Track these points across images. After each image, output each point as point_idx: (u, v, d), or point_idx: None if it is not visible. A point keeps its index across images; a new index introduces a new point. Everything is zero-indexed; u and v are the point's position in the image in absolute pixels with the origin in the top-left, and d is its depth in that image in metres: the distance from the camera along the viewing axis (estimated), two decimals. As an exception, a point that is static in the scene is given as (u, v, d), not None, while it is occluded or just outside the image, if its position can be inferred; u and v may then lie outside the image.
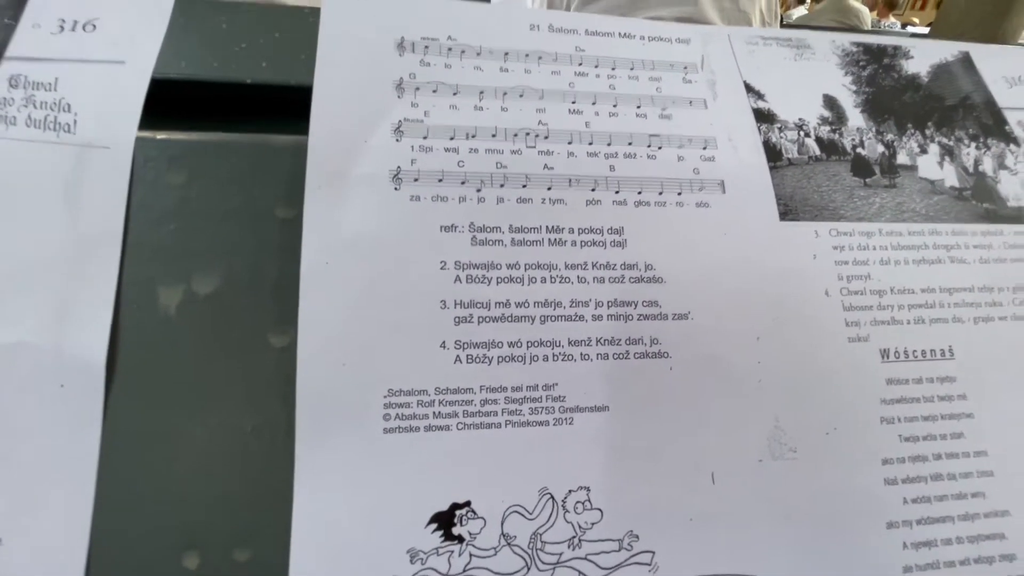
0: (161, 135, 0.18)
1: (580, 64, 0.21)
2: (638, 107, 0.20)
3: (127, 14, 0.19)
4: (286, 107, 0.20)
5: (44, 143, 0.17)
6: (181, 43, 0.20)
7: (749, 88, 0.22)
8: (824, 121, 0.22)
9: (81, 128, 0.17)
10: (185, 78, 0.20)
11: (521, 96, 0.20)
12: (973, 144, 0.22)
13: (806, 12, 3.07)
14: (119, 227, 0.16)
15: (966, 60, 0.25)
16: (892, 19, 5.07)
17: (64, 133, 0.17)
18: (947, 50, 0.25)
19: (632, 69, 0.21)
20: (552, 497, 0.17)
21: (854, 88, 0.23)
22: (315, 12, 0.21)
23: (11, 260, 0.16)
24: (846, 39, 0.24)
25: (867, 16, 2.78)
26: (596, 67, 0.21)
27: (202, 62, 0.20)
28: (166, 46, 0.19)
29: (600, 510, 0.17)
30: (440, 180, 0.18)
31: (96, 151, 0.17)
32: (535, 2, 1.24)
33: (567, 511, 0.17)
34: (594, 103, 0.20)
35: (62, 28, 0.18)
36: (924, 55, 0.24)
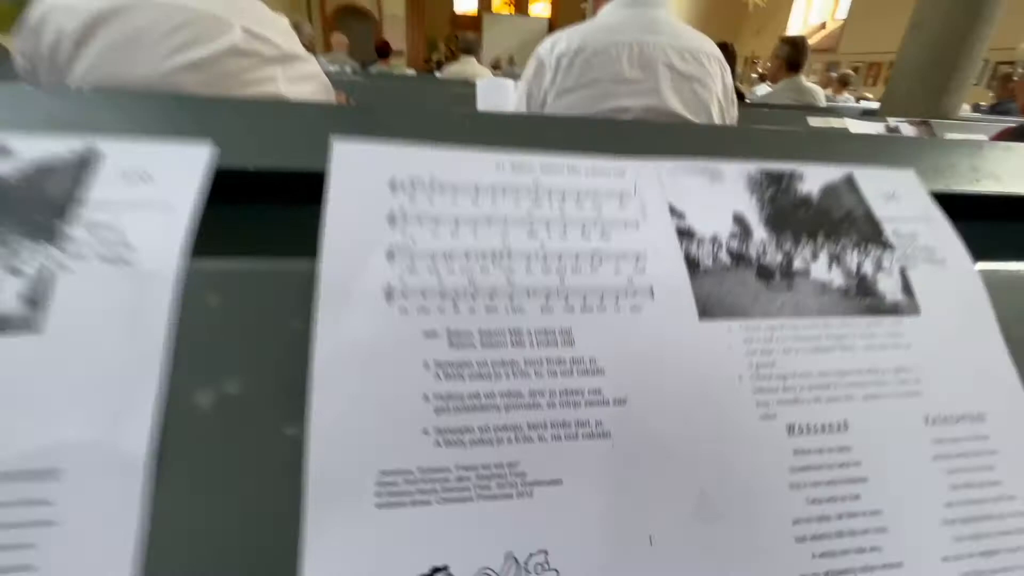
0: (203, 264, 0.22)
1: (536, 195, 0.26)
2: (583, 229, 0.26)
3: (176, 167, 0.24)
4: (293, 189, 0.25)
5: (110, 275, 0.21)
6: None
7: (672, 210, 0.27)
8: (734, 236, 0.27)
9: (139, 262, 0.21)
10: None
11: (489, 224, 0.25)
12: (856, 250, 0.28)
13: (769, 90, 3.30)
14: (166, 340, 0.20)
15: (850, 180, 0.31)
16: (846, 95, 5.51)
17: (125, 266, 0.21)
18: (834, 173, 0.31)
19: (578, 199, 0.26)
20: (516, 560, 0.20)
21: (758, 207, 0.28)
22: (319, 108, 0.26)
23: (79, 370, 0.20)
24: (753, 167, 0.30)
25: (821, 95, 3.02)
26: (549, 197, 0.26)
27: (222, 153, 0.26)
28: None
29: (556, 570, 0.20)
30: (423, 295, 0.23)
31: (151, 280, 0.21)
32: (517, 93, 1.36)
33: (529, 572, 0.20)
34: (547, 227, 0.25)
35: (124, 179, 0.23)
36: (815, 178, 0.30)
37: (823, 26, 11.06)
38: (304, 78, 1.02)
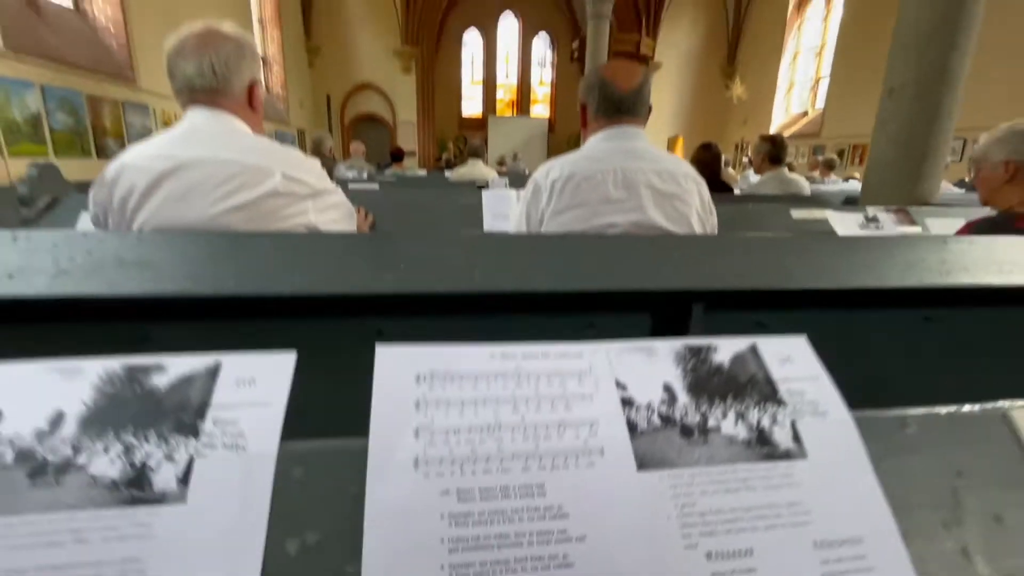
0: (292, 445, 0.33)
1: (519, 378, 0.37)
2: (552, 403, 0.36)
3: (271, 373, 0.35)
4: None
5: (230, 458, 0.31)
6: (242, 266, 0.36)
7: (618, 383, 0.38)
8: (664, 402, 0.37)
9: (250, 447, 0.32)
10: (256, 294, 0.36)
11: (485, 404, 0.35)
12: (756, 408, 0.38)
13: (759, 178, 3.49)
14: (268, 505, 0.30)
15: (754, 348, 0.41)
16: (833, 176, 5.80)
17: (241, 451, 0.32)
18: (742, 344, 0.41)
19: (548, 379, 0.37)
20: (507, 665, 0.28)
21: (682, 376, 0.39)
22: (345, 237, 0.37)
23: (210, 528, 0.29)
24: (680, 344, 0.41)
25: (805, 185, 3.23)
26: (528, 379, 0.37)
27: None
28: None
29: (536, 673, 0.28)
30: (440, 463, 0.33)
31: (258, 460, 0.32)
32: (517, 210, 1.53)
33: (516, 674, 0.28)
34: (527, 403, 0.36)
35: (237, 385, 0.35)
36: (727, 349, 0.41)
37: (805, 114, 11.87)
38: (330, 207, 1.19)
